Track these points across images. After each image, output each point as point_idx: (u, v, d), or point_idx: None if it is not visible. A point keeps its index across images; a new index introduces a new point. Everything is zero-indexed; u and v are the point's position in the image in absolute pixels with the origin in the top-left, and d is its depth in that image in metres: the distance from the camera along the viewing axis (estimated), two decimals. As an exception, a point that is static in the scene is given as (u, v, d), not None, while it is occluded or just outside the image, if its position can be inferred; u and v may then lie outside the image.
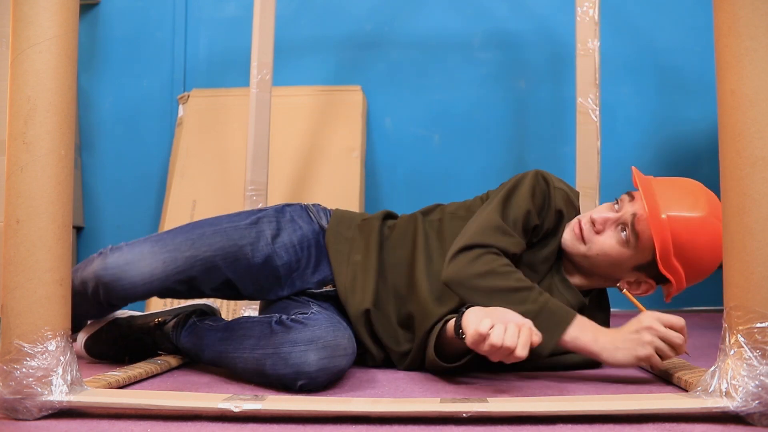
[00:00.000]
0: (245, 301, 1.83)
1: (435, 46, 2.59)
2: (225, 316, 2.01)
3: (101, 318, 1.37)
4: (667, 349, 1.10)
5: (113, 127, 2.64)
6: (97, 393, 0.95)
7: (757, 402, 0.85)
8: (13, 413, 0.90)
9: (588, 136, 1.80)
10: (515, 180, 1.28)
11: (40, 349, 0.91)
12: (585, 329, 1.12)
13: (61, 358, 0.92)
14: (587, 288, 1.30)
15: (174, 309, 1.39)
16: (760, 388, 0.85)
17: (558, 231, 1.28)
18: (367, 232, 1.38)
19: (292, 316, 1.14)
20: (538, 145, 2.55)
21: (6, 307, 0.92)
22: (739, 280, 0.88)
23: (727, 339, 0.89)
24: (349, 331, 1.15)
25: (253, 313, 1.80)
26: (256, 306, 1.81)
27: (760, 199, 0.87)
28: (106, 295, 1.21)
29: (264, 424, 0.90)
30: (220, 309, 2.06)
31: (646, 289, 1.25)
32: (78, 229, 2.59)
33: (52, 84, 0.92)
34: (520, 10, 2.57)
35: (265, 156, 1.90)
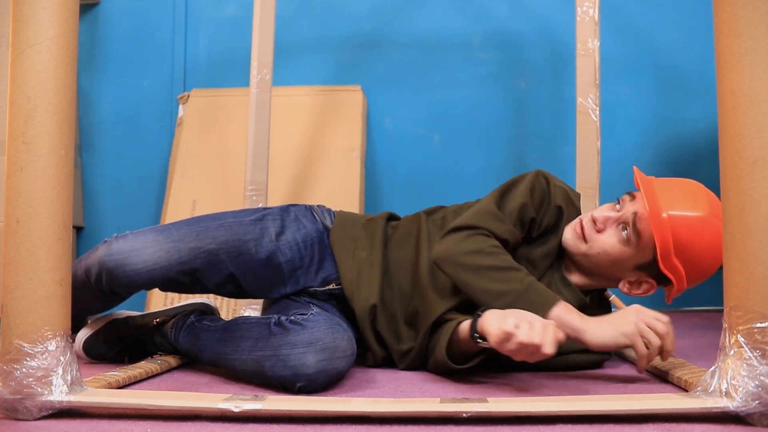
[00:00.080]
0: (245, 302, 1.83)
1: (435, 46, 2.59)
2: (225, 316, 2.01)
3: (102, 313, 1.38)
4: (653, 336, 1.10)
5: (113, 127, 2.64)
6: (97, 393, 0.95)
7: (757, 402, 0.85)
8: (13, 413, 0.90)
9: (588, 136, 1.80)
10: (516, 177, 1.30)
11: (40, 349, 0.91)
12: (570, 311, 1.12)
13: (61, 358, 0.92)
14: (588, 287, 1.30)
15: (172, 309, 1.39)
16: (760, 388, 0.85)
17: (558, 228, 1.29)
18: (371, 230, 1.39)
19: (291, 318, 1.14)
20: (538, 145, 2.55)
21: (6, 307, 0.92)
22: (739, 280, 0.88)
23: (727, 339, 0.89)
24: (349, 333, 1.15)
25: (253, 314, 1.80)
26: (257, 306, 1.81)
27: (760, 199, 0.87)
28: (109, 281, 1.21)
29: (264, 424, 0.90)
30: (219, 309, 2.07)
31: (647, 289, 1.26)
32: (78, 229, 2.59)
33: (52, 84, 0.92)
34: (520, 10, 2.57)
35: (265, 156, 1.90)
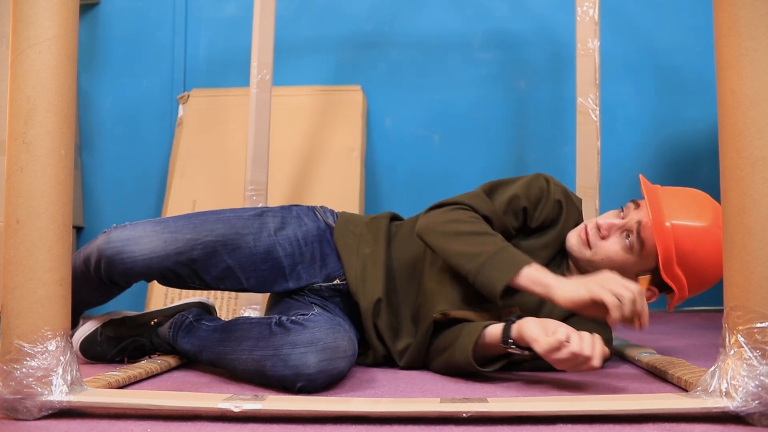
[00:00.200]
0: (245, 302, 1.83)
1: (435, 46, 2.59)
2: (225, 316, 2.01)
3: (100, 308, 1.37)
4: (624, 290, 1.06)
5: (113, 127, 2.64)
6: (97, 393, 0.95)
7: (757, 402, 0.85)
8: (13, 413, 0.90)
9: (588, 136, 1.80)
10: (515, 177, 1.32)
11: (40, 349, 0.91)
12: (542, 270, 1.13)
13: (61, 358, 0.92)
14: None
15: (169, 308, 1.39)
16: (760, 388, 0.85)
17: (558, 222, 1.31)
18: (375, 228, 1.40)
19: (292, 318, 1.14)
20: (538, 145, 2.55)
21: (6, 307, 0.92)
22: (739, 280, 0.88)
23: (727, 339, 0.89)
24: (350, 333, 1.15)
25: (253, 314, 1.80)
26: (257, 306, 1.81)
27: (760, 199, 0.87)
28: (107, 269, 1.22)
29: (264, 424, 0.90)
30: (218, 309, 2.06)
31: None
32: (78, 229, 2.59)
33: (52, 84, 0.92)
34: (520, 10, 2.57)
35: (265, 156, 1.90)
